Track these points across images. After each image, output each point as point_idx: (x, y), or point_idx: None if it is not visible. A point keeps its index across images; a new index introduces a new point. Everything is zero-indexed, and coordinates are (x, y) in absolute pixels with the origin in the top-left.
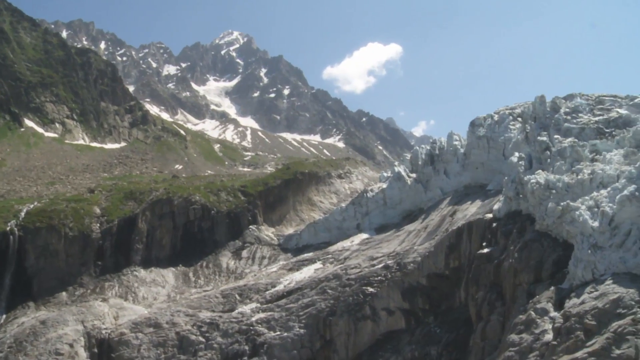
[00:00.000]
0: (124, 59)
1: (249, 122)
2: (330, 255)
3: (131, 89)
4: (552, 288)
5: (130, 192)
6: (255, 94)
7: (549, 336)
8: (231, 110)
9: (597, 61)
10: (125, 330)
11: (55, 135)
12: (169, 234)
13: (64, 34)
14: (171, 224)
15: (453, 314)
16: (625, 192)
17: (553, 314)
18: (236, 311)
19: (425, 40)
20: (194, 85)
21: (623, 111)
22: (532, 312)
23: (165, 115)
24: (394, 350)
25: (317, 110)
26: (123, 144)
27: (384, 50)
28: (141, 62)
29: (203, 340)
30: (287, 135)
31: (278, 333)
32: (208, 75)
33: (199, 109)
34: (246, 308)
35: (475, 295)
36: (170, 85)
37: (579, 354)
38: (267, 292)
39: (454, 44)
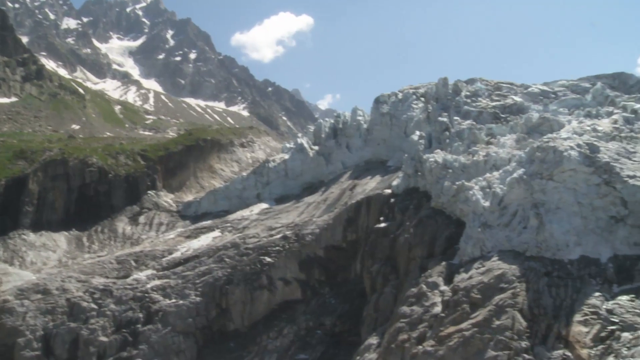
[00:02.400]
0: (16, 5)
1: (152, 84)
2: (229, 224)
3: (24, 40)
4: (444, 263)
5: (20, 150)
6: (160, 56)
7: (438, 308)
8: (134, 71)
9: (501, 48)
10: (9, 297)
11: None
12: (62, 197)
13: None
14: (65, 186)
15: (348, 286)
16: (514, 174)
17: (443, 287)
18: (131, 278)
19: (337, 14)
20: (95, 42)
21: (518, 98)
22: (424, 286)
23: (62, 72)
24: (289, 319)
25: (223, 77)
26: (14, 98)
27: (295, 21)
28: (37, 11)
29: (95, 307)
30: (191, 101)
31: (173, 300)
32: (111, 33)
33: (100, 68)
34: (141, 275)
35: (371, 268)
36: (69, 40)
37: (463, 325)
38: (164, 259)
39: (365, 19)
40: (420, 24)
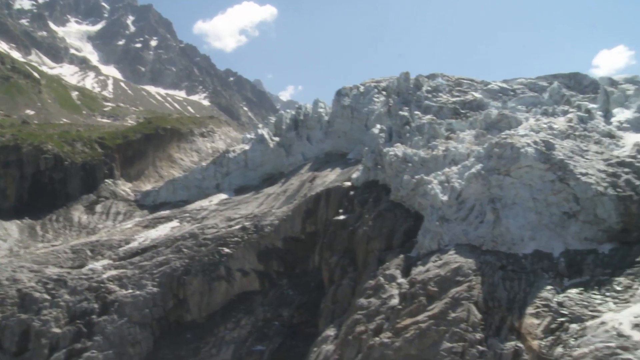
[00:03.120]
0: None
1: (111, 71)
2: (187, 214)
3: None
4: (401, 256)
5: None
6: (120, 42)
7: (395, 301)
8: (93, 56)
9: (462, 44)
10: None
11: None
12: (14, 184)
13: None
14: (18, 173)
15: (306, 277)
16: (473, 170)
17: (400, 280)
18: (86, 267)
19: (301, 5)
20: (52, 25)
21: (478, 95)
22: (381, 278)
23: (16, 54)
24: (246, 311)
25: (184, 65)
26: None
27: (258, 11)
28: None
29: (48, 297)
30: (151, 89)
31: (130, 291)
32: (69, 16)
33: (57, 52)
34: (97, 265)
35: (329, 260)
36: (23, 21)
37: (420, 317)
38: (121, 249)
39: (329, 12)
40: (384, 17)
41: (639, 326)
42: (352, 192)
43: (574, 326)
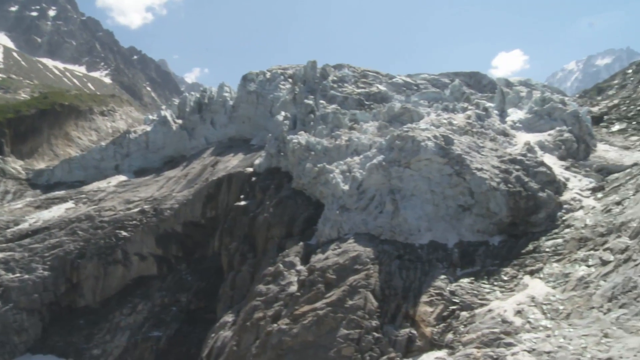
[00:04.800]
0: None
1: (2, 39)
2: (84, 195)
3: None
4: (301, 243)
5: None
6: (13, 8)
7: (294, 287)
8: None
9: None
10: None
11: None
12: None
13: None
14: None
15: (205, 263)
16: (374, 160)
17: (299, 267)
18: None
19: None
20: None
21: (382, 87)
22: (281, 265)
23: None
24: (143, 295)
25: (85, 39)
26: None
27: None
28: None
29: None
30: (48, 62)
31: (18, 275)
32: None
33: None
34: None
35: (229, 245)
36: None
37: (318, 304)
38: (9, 230)
39: None
40: (295, 4)
41: (521, 313)
42: (254, 178)
43: (464, 314)
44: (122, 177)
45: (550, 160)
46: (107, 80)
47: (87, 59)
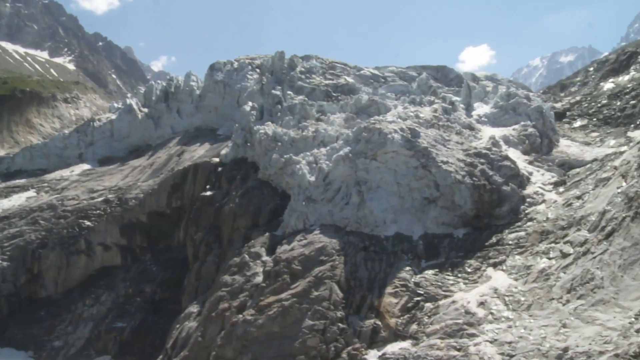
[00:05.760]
0: None
1: None
2: (46, 184)
3: None
4: (267, 234)
5: None
6: None
7: (259, 278)
8: None
9: (340, 29)
10: None
11: None
12: None
13: None
14: None
15: (170, 253)
16: (341, 152)
17: (265, 258)
18: None
19: None
20: None
21: (350, 79)
22: (246, 256)
23: None
24: (107, 286)
25: (47, 23)
26: None
27: None
28: None
29: None
30: (8, 46)
31: None
32: None
33: None
34: None
35: (194, 236)
36: None
37: (283, 295)
38: None
39: None
40: None
41: (484, 304)
42: (220, 169)
43: (428, 305)
44: (86, 166)
45: (514, 154)
46: (71, 66)
47: (50, 44)
